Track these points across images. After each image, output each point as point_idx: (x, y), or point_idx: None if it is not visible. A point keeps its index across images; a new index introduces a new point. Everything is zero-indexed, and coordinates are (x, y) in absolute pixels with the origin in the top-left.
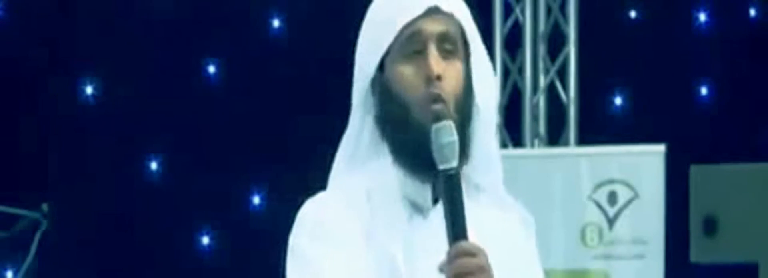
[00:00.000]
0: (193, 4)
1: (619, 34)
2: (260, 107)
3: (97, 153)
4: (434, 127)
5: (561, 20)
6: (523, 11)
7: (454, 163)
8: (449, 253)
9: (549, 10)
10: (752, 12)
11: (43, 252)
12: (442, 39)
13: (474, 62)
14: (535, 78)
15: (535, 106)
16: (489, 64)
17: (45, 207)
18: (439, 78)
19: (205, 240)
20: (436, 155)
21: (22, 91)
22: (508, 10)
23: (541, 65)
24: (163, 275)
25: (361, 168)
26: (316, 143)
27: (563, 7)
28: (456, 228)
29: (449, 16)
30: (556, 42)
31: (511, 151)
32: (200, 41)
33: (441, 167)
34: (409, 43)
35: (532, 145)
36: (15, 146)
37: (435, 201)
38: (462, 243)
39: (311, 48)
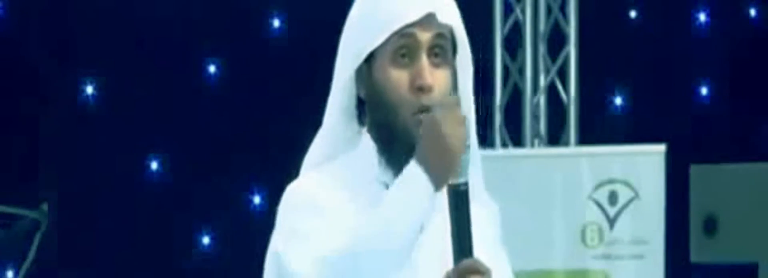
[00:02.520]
0: (194, 4)
1: (620, 34)
2: (261, 107)
3: (97, 154)
4: None
5: (561, 20)
6: (523, 11)
7: (465, 179)
8: (458, 269)
9: (549, 10)
10: (752, 12)
11: (43, 252)
12: (434, 47)
13: (460, 69)
14: (535, 78)
15: (535, 106)
16: (472, 68)
17: (45, 207)
18: (430, 89)
19: (206, 240)
20: None
21: (22, 91)
22: (508, 10)
23: (541, 65)
24: (164, 275)
25: (340, 156)
26: None
27: (563, 7)
28: (463, 243)
29: (443, 24)
30: (556, 42)
31: (511, 151)
32: (201, 41)
33: (452, 181)
34: (401, 48)
35: (533, 145)
36: (15, 146)
37: None
38: (475, 261)
39: (311, 48)
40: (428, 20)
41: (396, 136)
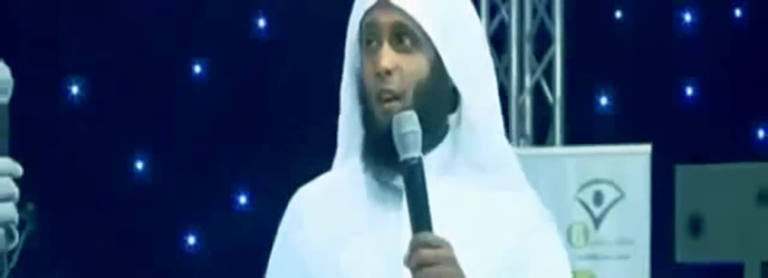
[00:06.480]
0: (179, 4)
1: (605, 34)
2: (246, 107)
3: (83, 153)
4: (395, 117)
5: (547, 20)
6: (508, 11)
7: (416, 153)
8: (410, 245)
9: (535, 10)
10: (737, 12)
11: (28, 252)
12: (397, 31)
13: (445, 53)
14: (520, 78)
15: (521, 106)
16: (477, 52)
17: (31, 207)
18: (388, 72)
19: (192, 239)
20: (397, 145)
21: None
22: (493, 10)
23: (526, 65)
24: (150, 275)
25: (345, 163)
26: (302, 143)
27: (549, 7)
28: (418, 219)
29: (399, 8)
30: (541, 42)
31: None
32: (186, 41)
33: (403, 157)
34: (368, 36)
35: (518, 145)
36: None
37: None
38: (423, 235)
39: (297, 48)
40: (385, 4)
41: (370, 129)
